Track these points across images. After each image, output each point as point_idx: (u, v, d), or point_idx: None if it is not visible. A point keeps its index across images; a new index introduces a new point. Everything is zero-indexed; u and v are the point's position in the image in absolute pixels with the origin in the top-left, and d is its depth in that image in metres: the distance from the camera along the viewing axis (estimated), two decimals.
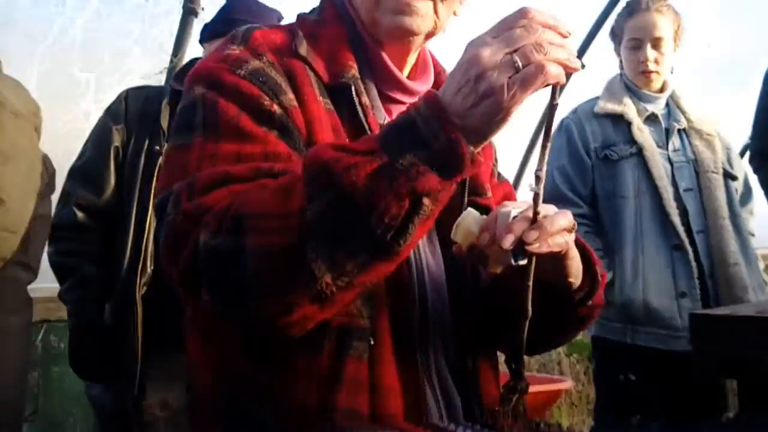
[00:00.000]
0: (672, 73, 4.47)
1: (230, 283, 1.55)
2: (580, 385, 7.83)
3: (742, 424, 2.21)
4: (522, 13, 1.47)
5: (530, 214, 1.64)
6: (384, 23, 1.91)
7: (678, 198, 4.16)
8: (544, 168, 1.59)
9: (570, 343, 8.38)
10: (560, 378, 6.52)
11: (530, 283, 1.70)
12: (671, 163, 4.23)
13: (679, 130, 4.35)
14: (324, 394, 1.68)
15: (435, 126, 1.47)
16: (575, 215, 4.09)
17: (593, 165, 4.27)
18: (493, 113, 1.46)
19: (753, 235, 4.40)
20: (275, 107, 1.75)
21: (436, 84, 2.09)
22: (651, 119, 4.34)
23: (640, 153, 4.18)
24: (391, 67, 1.97)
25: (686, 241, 4.06)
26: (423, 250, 1.89)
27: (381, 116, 1.93)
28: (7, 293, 3.52)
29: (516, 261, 1.64)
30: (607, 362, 4.36)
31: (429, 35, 1.98)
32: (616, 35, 4.52)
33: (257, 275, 1.52)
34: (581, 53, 7.72)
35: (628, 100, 4.33)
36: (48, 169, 3.80)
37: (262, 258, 1.50)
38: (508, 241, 1.59)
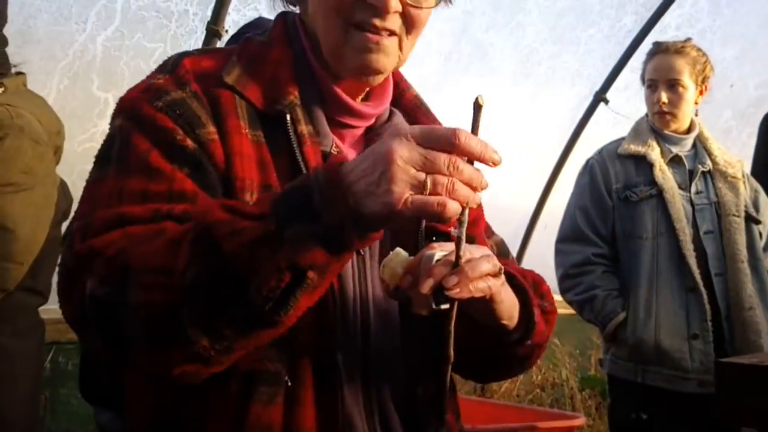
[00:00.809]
0: (696, 114, 4.47)
1: (113, 333, 1.53)
2: (591, 421, 7.78)
3: None
4: (453, 136, 1.44)
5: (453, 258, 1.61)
6: (349, 61, 1.84)
7: (698, 240, 4.18)
8: (467, 212, 1.54)
9: (583, 378, 8.35)
10: (573, 414, 6.44)
11: (451, 328, 1.67)
12: (693, 205, 4.25)
13: (703, 173, 4.35)
14: None
15: (329, 201, 1.45)
16: (595, 255, 4.16)
17: (614, 205, 4.30)
18: (381, 212, 1.44)
19: None
20: (189, 142, 1.70)
21: (401, 104, 2.07)
22: (675, 161, 4.34)
23: (660, 195, 4.19)
24: (339, 92, 1.90)
25: (701, 283, 4.08)
26: (370, 278, 1.85)
27: (327, 143, 1.86)
28: (18, 317, 3.49)
29: (437, 305, 1.61)
30: (620, 400, 4.39)
31: (394, 69, 1.95)
32: (642, 77, 4.53)
33: (137, 330, 1.50)
34: (606, 87, 7.71)
35: (653, 142, 4.34)
36: (67, 197, 3.77)
37: (142, 314, 1.48)
38: (426, 286, 1.58)
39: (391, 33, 1.82)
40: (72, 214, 3.85)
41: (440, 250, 1.64)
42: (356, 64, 1.83)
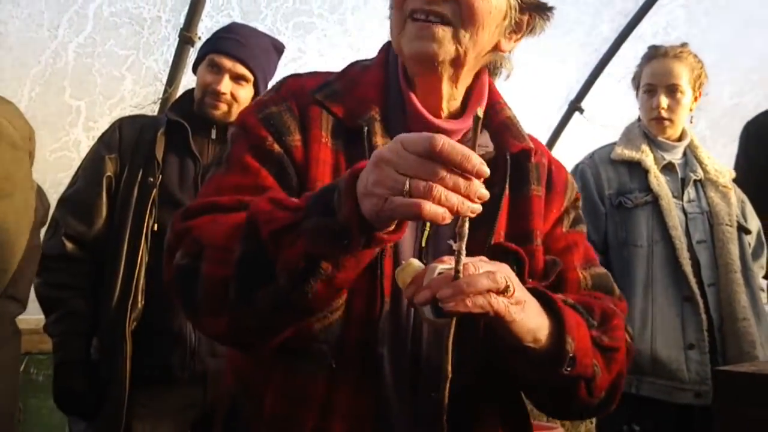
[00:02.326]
0: (691, 122, 4.45)
1: (190, 297, 1.79)
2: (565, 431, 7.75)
3: None
4: (429, 143, 1.49)
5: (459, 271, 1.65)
6: (406, 50, 1.98)
7: (690, 249, 4.11)
8: (466, 225, 1.59)
9: None
10: (549, 425, 6.42)
11: (449, 343, 1.74)
12: (685, 213, 4.19)
13: (695, 181, 4.30)
14: (272, 406, 1.90)
15: (344, 199, 1.58)
16: None
17: (606, 212, 4.23)
18: (371, 212, 1.54)
19: (762, 290, 4.34)
20: (276, 147, 1.97)
21: (493, 122, 2.15)
22: (668, 168, 4.28)
23: (655, 202, 4.13)
24: (419, 107, 2.04)
25: (697, 293, 4.01)
26: None
27: None
28: None
29: (437, 317, 1.65)
30: (611, 412, 4.23)
31: (456, 64, 2.01)
32: (635, 81, 4.46)
33: (202, 295, 1.76)
34: (581, 96, 7.68)
35: (646, 148, 4.28)
36: (44, 203, 3.70)
37: (206, 282, 1.74)
38: (422, 297, 1.64)
39: (442, 20, 1.94)
40: (48, 221, 3.79)
41: (448, 264, 1.65)
42: (409, 51, 1.98)
